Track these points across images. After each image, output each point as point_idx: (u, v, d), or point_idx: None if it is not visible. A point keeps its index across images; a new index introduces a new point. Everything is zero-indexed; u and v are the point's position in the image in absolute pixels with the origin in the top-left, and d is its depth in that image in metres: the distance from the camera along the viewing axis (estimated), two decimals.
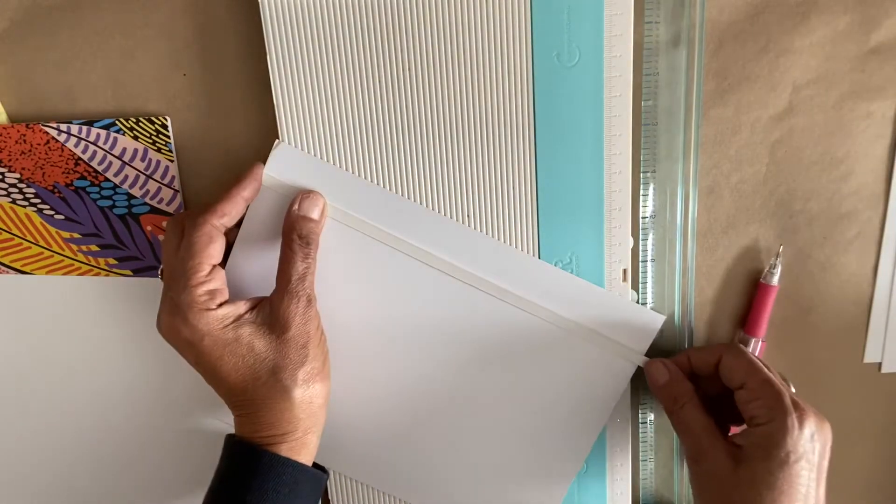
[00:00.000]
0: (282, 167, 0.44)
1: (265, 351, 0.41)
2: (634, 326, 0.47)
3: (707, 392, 0.46)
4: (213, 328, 0.40)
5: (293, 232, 0.43)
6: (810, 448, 0.41)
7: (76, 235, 0.46)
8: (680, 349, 0.49)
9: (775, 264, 0.48)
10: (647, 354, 0.48)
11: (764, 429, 0.41)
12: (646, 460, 0.52)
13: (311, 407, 0.42)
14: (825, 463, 0.42)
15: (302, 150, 0.44)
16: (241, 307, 0.42)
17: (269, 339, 0.41)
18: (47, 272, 0.47)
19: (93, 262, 0.47)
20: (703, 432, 0.44)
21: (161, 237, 0.47)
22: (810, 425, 0.41)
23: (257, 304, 0.42)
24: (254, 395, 0.41)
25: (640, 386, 0.50)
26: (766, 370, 0.43)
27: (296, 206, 0.43)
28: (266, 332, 0.42)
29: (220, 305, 0.41)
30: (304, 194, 0.44)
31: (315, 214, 0.44)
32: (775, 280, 0.48)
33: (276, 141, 0.44)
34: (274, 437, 0.42)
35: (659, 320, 0.47)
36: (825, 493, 0.42)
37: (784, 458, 0.40)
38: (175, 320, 0.40)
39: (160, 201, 0.46)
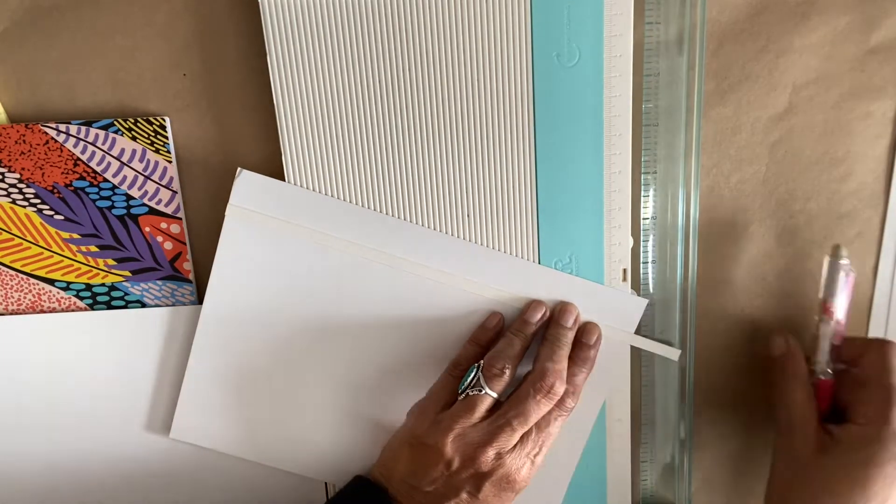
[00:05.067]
0: (247, 195, 0.45)
1: None
2: (620, 310, 0.47)
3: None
4: None
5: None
6: None
7: (76, 236, 0.46)
8: (679, 347, 0.49)
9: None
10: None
11: (861, 429, 0.43)
12: (646, 460, 0.52)
13: None
14: None
15: (302, 150, 0.44)
16: None
17: None
18: (47, 272, 0.47)
19: (92, 263, 0.47)
20: (800, 412, 0.46)
21: (159, 238, 0.47)
22: None
23: None
24: None
25: (641, 386, 0.50)
26: None
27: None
28: None
29: None
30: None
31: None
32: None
33: (238, 169, 0.44)
34: None
35: (642, 303, 0.48)
36: None
37: (867, 459, 0.42)
38: None
39: (159, 202, 0.46)
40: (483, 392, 0.43)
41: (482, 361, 0.44)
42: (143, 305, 0.48)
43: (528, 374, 0.45)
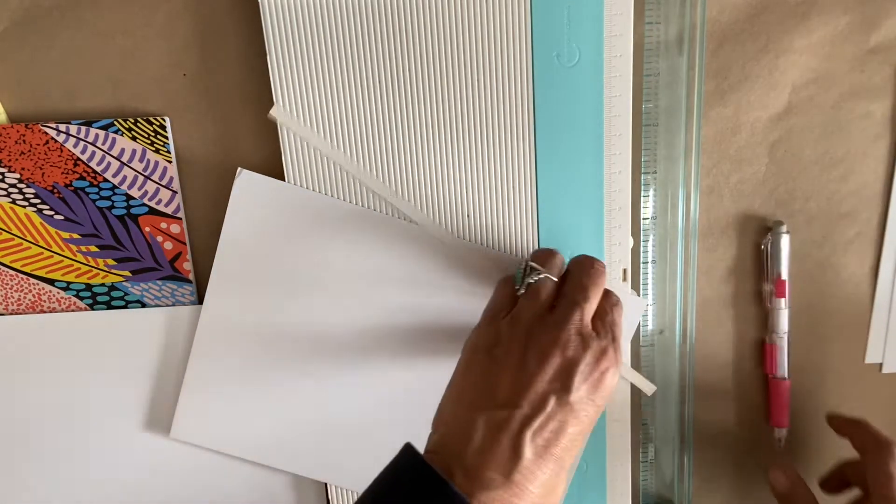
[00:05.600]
0: (247, 195, 0.45)
1: None
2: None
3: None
4: None
5: None
6: None
7: (76, 236, 0.46)
8: (679, 347, 0.49)
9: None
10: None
11: None
12: (646, 461, 0.52)
13: None
14: None
15: (302, 150, 0.44)
16: None
17: None
18: (47, 272, 0.47)
19: (92, 263, 0.47)
20: None
21: (159, 238, 0.47)
22: None
23: None
24: None
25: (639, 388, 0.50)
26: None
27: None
28: None
29: None
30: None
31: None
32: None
33: (238, 169, 0.44)
34: None
35: (642, 303, 0.48)
36: None
37: None
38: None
39: (159, 202, 0.46)
40: (542, 276, 0.39)
41: (528, 256, 0.41)
42: (143, 305, 0.48)
43: (568, 270, 0.41)
